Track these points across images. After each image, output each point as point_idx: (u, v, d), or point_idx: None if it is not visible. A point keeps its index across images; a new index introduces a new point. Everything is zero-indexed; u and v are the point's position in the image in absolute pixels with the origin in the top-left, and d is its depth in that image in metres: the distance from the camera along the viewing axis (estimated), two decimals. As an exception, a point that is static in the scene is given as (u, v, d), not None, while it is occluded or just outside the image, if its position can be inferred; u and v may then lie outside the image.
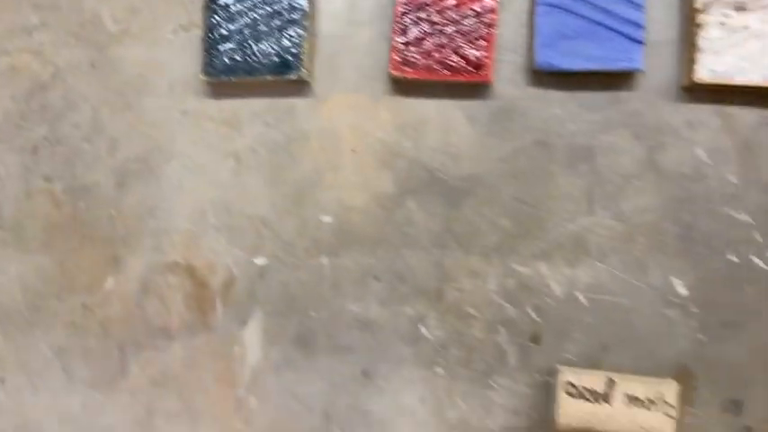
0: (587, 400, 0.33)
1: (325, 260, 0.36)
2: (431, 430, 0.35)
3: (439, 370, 0.35)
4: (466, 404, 0.35)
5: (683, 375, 0.33)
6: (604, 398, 0.33)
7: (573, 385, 0.33)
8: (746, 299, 0.33)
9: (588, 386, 0.33)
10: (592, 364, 0.34)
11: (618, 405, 0.33)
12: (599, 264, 0.34)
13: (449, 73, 0.34)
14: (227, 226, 0.37)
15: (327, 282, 0.36)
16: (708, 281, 0.33)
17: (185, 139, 0.37)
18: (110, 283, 0.38)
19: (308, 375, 0.36)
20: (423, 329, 0.35)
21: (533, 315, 0.35)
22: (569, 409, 0.33)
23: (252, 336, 0.37)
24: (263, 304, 0.37)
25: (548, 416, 0.34)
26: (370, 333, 0.36)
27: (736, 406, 0.33)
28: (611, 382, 0.33)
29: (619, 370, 0.34)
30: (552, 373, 0.34)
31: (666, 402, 0.32)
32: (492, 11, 0.34)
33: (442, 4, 0.34)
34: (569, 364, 0.34)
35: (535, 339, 0.35)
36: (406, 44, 0.34)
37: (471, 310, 0.35)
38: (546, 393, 0.34)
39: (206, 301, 0.37)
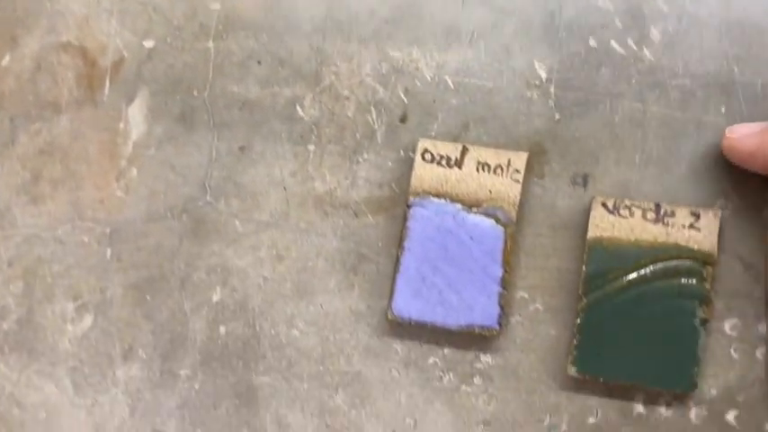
0: (441, 165, 0.34)
1: (210, 44, 0.38)
2: (298, 200, 0.36)
3: (311, 147, 0.36)
4: (333, 177, 0.36)
5: (537, 151, 0.35)
6: (457, 163, 0.34)
7: (429, 152, 0.34)
8: (601, 80, 0.35)
9: (443, 153, 0.34)
10: (453, 140, 0.35)
11: (468, 170, 0.34)
12: (468, 49, 0.36)
13: None
14: (120, 10, 0.38)
15: (211, 64, 0.38)
16: (567, 64, 0.35)
17: None
18: (6, 60, 0.39)
19: (187, 149, 0.37)
20: (299, 109, 0.37)
21: (403, 97, 0.36)
22: (423, 173, 0.34)
23: (137, 112, 0.38)
24: (150, 84, 0.38)
25: (408, 188, 0.35)
26: (249, 112, 0.37)
27: (583, 179, 0.34)
28: (464, 150, 0.34)
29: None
30: (416, 148, 0.35)
31: (515, 169, 0.34)
32: None
33: None
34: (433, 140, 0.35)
35: (403, 119, 0.36)
36: None
37: (346, 92, 0.37)
38: (408, 168, 0.35)
39: (95, 80, 0.38)
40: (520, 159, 0.34)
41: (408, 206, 0.34)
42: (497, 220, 0.33)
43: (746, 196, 0.33)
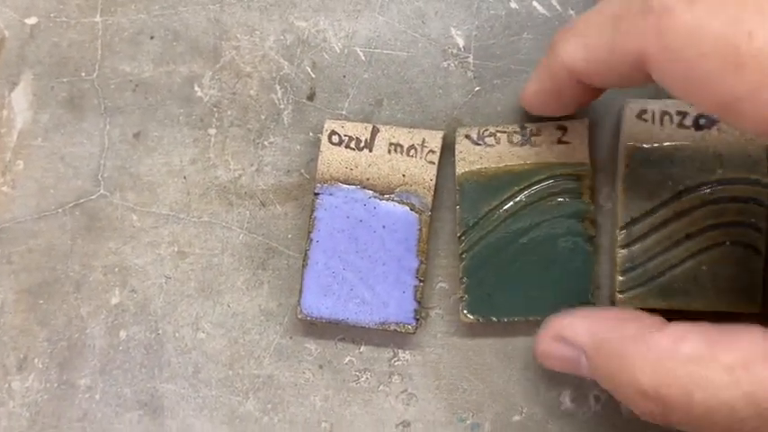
0: (350, 147, 0.31)
1: (98, 18, 0.34)
2: (200, 191, 0.33)
3: (211, 131, 0.33)
4: (238, 164, 0.33)
5: (456, 128, 0.31)
6: (367, 145, 0.31)
7: (336, 133, 0.31)
8: (524, 47, 0.31)
9: (352, 134, 0.31)
10: (365, 118, 0.32)
11: (379, 152, 0.31)
12: (379, 16, 0.32)
13: None
14: (-2, -17, 0.34)
15: (100, 41, 0.34)
16: (487, 30, 0.32)
17: None
18: None
19: (77, 138, 0.34)
20: (197, 89, 0.33)
21: (310, 72, 0.33)
22: (330, 157, 0.31)
23: (21, 98, 0.34)
24: (34, 66, 0.34)
25: (318, 173, 0.32)
26: (143, 94, 0.34)
27: (507, 157, 0.31)
28: (375, 131, 0.31)
29: (392, 123, 0.32)
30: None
31: (429, 149, 0.31)
32: None
33: None
34: (343, 119, 0.32)
35: (311, 97, 0.33)
36: None
37: (248, 68, 0.33)
38: (318, 152, 0.32)
39: (-26, 63, 0.35)
40: (435, 139, 0.31)
41: (315, 194, 0.31)
42: (412, 207, 0.30)
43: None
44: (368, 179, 0.31)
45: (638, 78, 0.23)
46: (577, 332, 0.25)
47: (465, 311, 0.29)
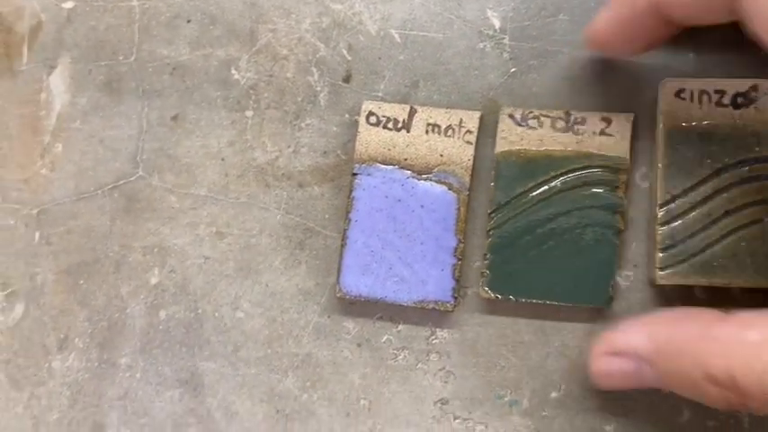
0: (387, 128, 0.31)
1: (135, 2, 0.34)
2: (237, 172, 0.33)
3: (249, 113, 0.34)
4: (275, 146, 0.33)
5: (492, 109, 0.32)
6: (405, 126, 0.31)
7: (374, 114, 0.32)
8: (560, 28, 0.32)
9: (389, 115, 0.31)
10: (401, 100, 0.33)
11: (417, 132, 0.31)
12: (414, -1, 0.33)
13: None
14: (35, -32, 0.35)
15: (137, 25, 0.34)
16: (522, 11, 0.32)
17: None
18: None
19: (115, 121, 0.34)
20: (234, 72, 0.34)
21: (346, 54, 0.33)
22: (368, 137, 0.31)
23: (59, 82, 0.35)
24: (71, 49, 0.35)
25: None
26: (180, 77, 0.34)
27: (543, 138, 0.32)
28: (412, 111, 0.31)
29: (428, 105, 0.32)
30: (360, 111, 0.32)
31: (467, 130, 0.31)
32: None
33: None
34: (379, 101, 0.33)
35: (347, 79, 0.33)
36: None
37: (284, 51, 0.34)
38: (355, 133, 0.32)
39: (12, 47, 0.35)
40: (472, 119, 0.31)
41: (354, 174, 0.31)
42: (450, 187, 0.31)
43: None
44: (406, 159, 0.31)
45: (723, 13, 0.22)
46: (635, 342, 0.25)
47: (485, 287, 0.30)
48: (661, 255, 0.28)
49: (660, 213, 0.28)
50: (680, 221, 0.28)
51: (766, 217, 0.28)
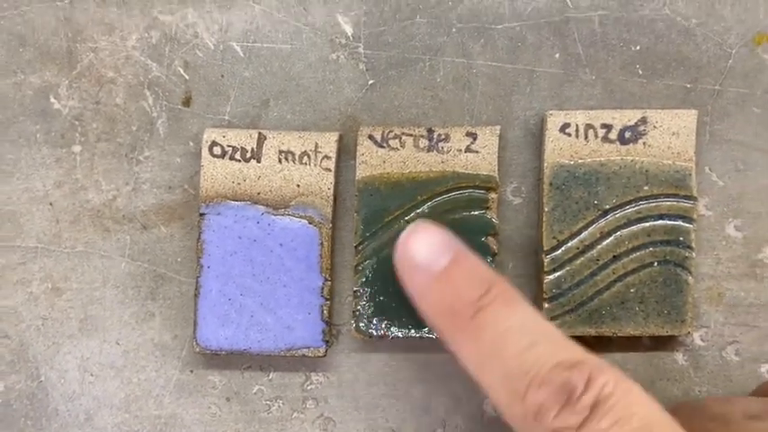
0: (235, 159, 0.28)
1: (-77, 24, 0.29)
2: (69, 217, 0.29)
3: (76, 148, 0.29)
4: (110, 184, 0.29)
5: (351, 126, 0.29)
6: (254, 156, 0.28)
7: (218, 144, 0.28)
8: (417, 33, 0.29)
9: (235, 144, 0.28)
10: (251, 123, 0.29)
11: (269, 162, 0.28)
12: (255, 5, 0.29)
13: None
14: None
15: (-70, 51, 0.29)
16: (376, 15, 0.29)
17: None
18: None
19: None
20: (54, 101, 0.29)
21: (183, 73, 0.29)
22: (213, 171, 0.28)
23: None
24: None
25: (204, 188, 0.29)
26: (-10, 111, 0.29)
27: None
28: (261, 138, 0.28)
29: (281, 127, 0.29)
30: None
31: (324, 155, 0.28)
32: None
33: None
34: (226, 126, 0.29)
35: (187, 102, 0.29)
36: None
37: (110, 73, 0.29)
38: (200, 163, 0.28)
39: None
40: (329, 143, 0.28)
41: (201, 215, 0.28)
42: (310, 220, 0.28)
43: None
44: (258, 193, 0.28)
45: None
46: None
47: (358, 326, 0.27)
48: (547, 305, 0.26)
49: (546, 261, 0.26)
50: (566, 269, 0.26)
51: (656, 261, 0.26)
